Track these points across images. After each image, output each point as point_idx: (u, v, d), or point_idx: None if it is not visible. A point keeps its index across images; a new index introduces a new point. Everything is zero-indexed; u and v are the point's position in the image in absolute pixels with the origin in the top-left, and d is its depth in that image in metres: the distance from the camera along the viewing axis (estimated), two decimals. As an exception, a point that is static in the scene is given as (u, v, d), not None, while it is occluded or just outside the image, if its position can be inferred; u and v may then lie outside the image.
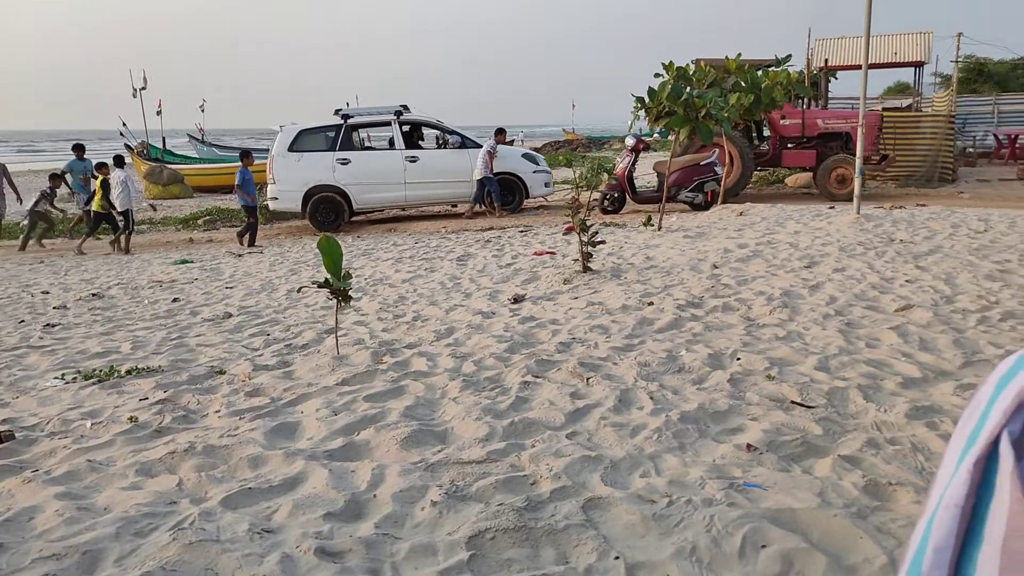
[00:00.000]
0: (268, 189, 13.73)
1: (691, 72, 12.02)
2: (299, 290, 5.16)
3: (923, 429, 3.15)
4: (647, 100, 10.54)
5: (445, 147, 14.27)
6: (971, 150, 21.53)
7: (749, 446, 2.99)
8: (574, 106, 54.61)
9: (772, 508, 2.45)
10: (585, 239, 6.93)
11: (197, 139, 29.95)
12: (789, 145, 14.45)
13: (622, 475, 2.81)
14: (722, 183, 13.01)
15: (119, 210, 12.06)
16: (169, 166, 22.02)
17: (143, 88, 23.37)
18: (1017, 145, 20.96)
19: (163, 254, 11.39)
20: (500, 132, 14.64)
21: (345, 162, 13.56)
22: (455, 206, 14.64)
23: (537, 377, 4.02)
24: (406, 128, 14.12)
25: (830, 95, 26.24)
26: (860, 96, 10.09)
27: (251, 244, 11.87)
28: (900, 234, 8.53)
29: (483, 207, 13.81)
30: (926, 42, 25.30)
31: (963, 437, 0.99)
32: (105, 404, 3.97)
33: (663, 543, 2.32)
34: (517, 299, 6.16)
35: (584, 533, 2.36)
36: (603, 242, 7.63)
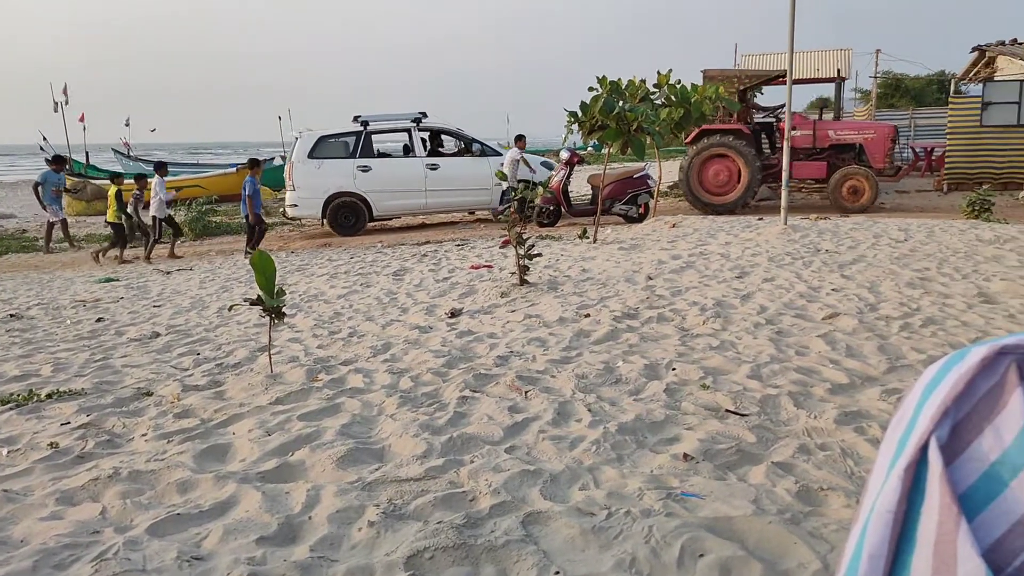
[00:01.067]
0: (287, 196, 13.83)
1: (624, 86, 12.20)
2: (230, 308, 5.03)
3: (852, 434, 3.23)
4: (580, 114, 10.66)
5: (465, 154, 14.33)
6: (899, 163, 22.40)
7: (686, 455, 3.02)
8: (509, 119, 54.90)
9: (709, 517, 2.48)
10: (522, 252, 6.95)
11: (122, 154, 29.13)
12: (800, 156, 14.05)
13: (561, 488, 2.80)
14: (732, 195, 13.15)
15: (158, 217, 11.93)
16: (93, 181, 21.35)
17: (65, 102, 22.60)
18: (933, 158, 21.87)
19: (87, 272, 11.00)
20: (520, 139, 14.62)
21: (366, 169, 13.64)
22: (472, 213, 14.72)
23: (475, 392, 4.00)
24: (424, 135, 14.24)
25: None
26: (785, 110, 10.40)
27: (255, 247, 11.50)
28: (826, 244, 8.80)
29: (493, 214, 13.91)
30: (846, 58, 26.25)
31: (892, 444, 1.00)
32: (23, 430, 3.79)
33: (603, 556, 2.32)
34: (454, 313, 6.13)
35: (524, 549, 2.34)
36: (539, 255, 7.67)
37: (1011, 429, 0.94)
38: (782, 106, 16.34)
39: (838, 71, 18.95)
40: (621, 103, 10.76)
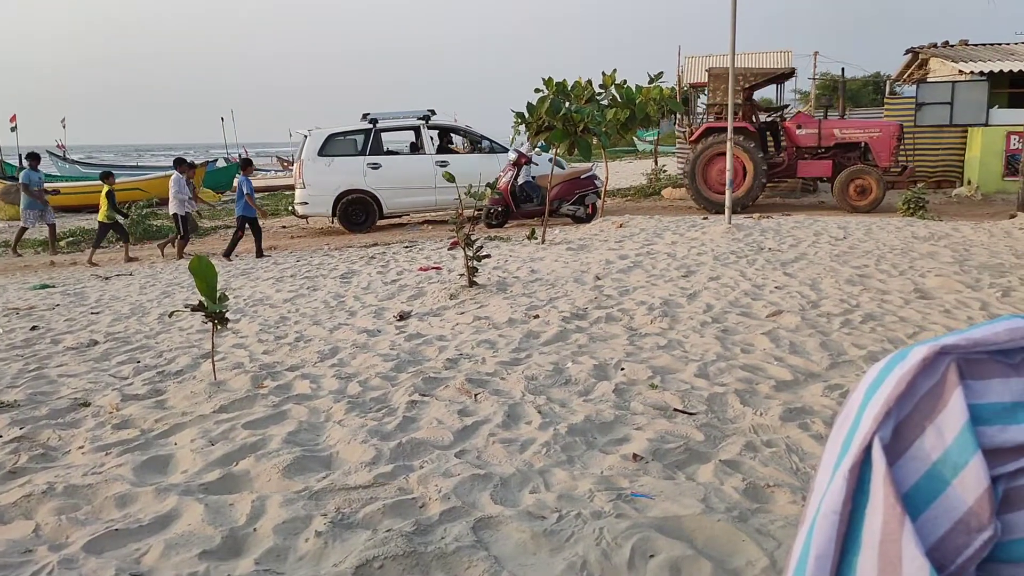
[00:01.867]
0: (297, 193, 13.84)
1: (570, 87, 12.27)
2: (171, 314, 4.89)
3: (796, 430, 3.28)
4: (527, 115, 10.68)
5: (475, 152, 14.33)
6: None
7: (635, 456, 3.04)
8: (456, 119, 54.77)
9: (659, 517, 2.49)
10: (470, 254, 6.92)
11: (58, 156, 28.25)
12: (805, 155, 14.04)
13: (512, 492, 2.79)
14: (731, 192, 13.18)
15: (179, 214, 11.82)
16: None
17: None
18: (870, 157, 22.40)
19: (20, 279, 10.62)
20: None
21: (376, 167, 13.70)
22: (481, 210, 14.67)
23: (424, 395, 3.96)
24: (433, 133, 14.26)
25: (699, 111, 27.39)
26: (728, 111, 10.57)
27: (228, 255, 11.34)
28: (768, 243, 8.96)
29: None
30: (786, 60, 26.82)
31: (837, 444, 1.01)
32: (-49, 446, 3.63)
33: (554, 559, 2.31)
34: (403, 316, 6.07)
35: (475, 555, 2.32)
36: (488, 256, 7.65)
37: (952, 428, 0.96)
38: (787, 106, 16.46)
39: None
40: (567, 104, 10.82)
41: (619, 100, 13.04)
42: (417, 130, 14.45)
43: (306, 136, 13.99)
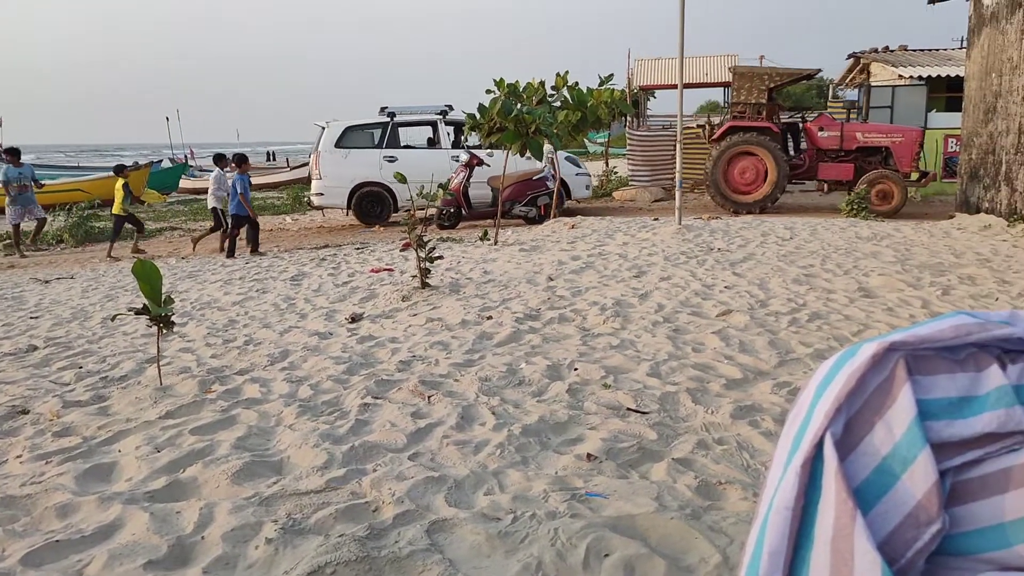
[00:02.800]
0: (313, 184, 13.89)
1: (521, 89, 12.29)
2: (114, 318, 4.76)
3: (747, 428, 3.33)
4: (478, 116, 10.67)
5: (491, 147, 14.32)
6: None
7: (589, 455, 3.05)
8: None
9: (613, 516, 2.50)
10: (423, 255, 6.88)
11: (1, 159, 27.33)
12: (826, 158, 13.85)
13: (466, 494, 2.77)
14: (759, 193, 12.92)
15: (217, 208, 12.01)
16: None
17: None
18: (814, 159, 22.88)
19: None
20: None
21: (392, 160, 13.70)
22: (495, 205, 14.54)
23: (377, 398, 3.92)
24: (450, 128, 14.27)
25: (649, 113, 27.70)
26: (677, 114, 10.70)
27: (230, 255, 11.13)
28: (718, 243, 9.10)
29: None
30: (732, 63, 27.25)
31: (789, 440, 1.02)
32: None
33: (509, 561, 2.30)
34: (355, 318, 6.01)
35: (429, 558, 2.30)
36: (441, 257, 7.61)
37: (901, 423, 0.97)
38: (808, 108, 16.45)
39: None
40: (519, 105, 10.84)
41: (571, 102, 13.10)
42: (434, 125, 14.49)
43: (324, 128, 14.03)
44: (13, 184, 12.76)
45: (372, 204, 13.96)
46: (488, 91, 11.69)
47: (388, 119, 14.10)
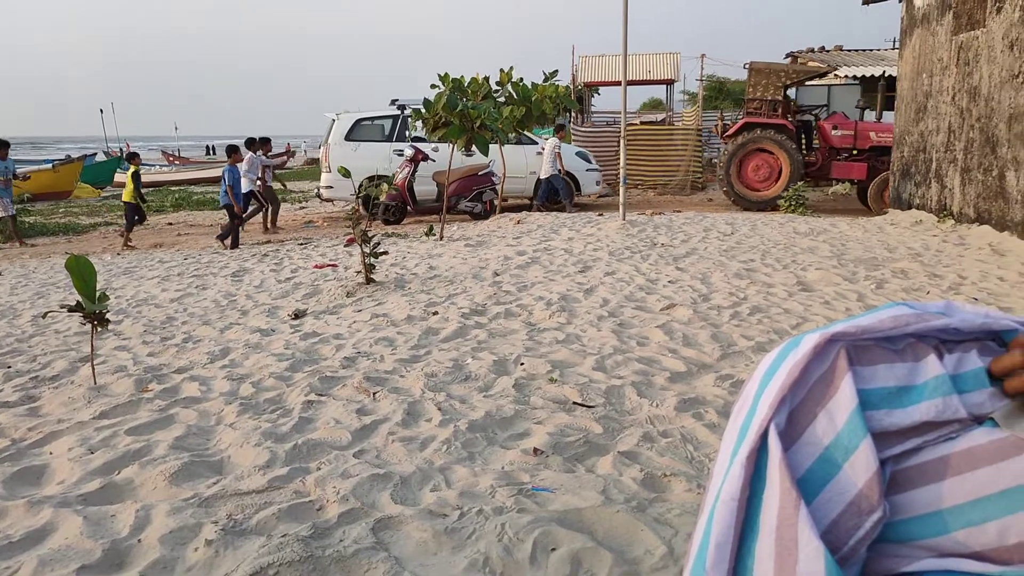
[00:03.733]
0: (323, 177, 13.84)
1: (466, 84, 12.25)
2: (44, 315, 4.59)
3: (690, 420, 3.37)
4: (423, 111, 10.60)
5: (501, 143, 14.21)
6: (716, 161, 23.76)
7: (536, 450, 3.05)
8: (337, 117, 53.87)
9: (560, 510, 2.50)
10: (367, 250, 6.80)
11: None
12: (839, 156, 13.76)
13: (412, 491, 2.75)
14: (772, 191, 12.79)
15: (255, 192, 12.52)
16: None
17: None
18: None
19: None
20: (561, 128, 14.30)
21: (401, 153, 13.59)
22: (505, 200, 14.29)
23: (321, 395, 3.86)
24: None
25: (593, 109, 27.87)
26: (621, 111, 10.79)
27: (234, 246, 11.07)
28: (661, 238, 9.21)
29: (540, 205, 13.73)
30: (675, 62, 27.61)
31: (735, 431, 1.02)
32: None
33: (456, 558, 2.28)
34: (298, 314, 5.91)
35: (375, 556, 2.27)
36: (385, 253, 7.54)
37: (843, 412, 0.98)
38: (823, 106, 16.40)
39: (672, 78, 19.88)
40: (464, 100, 10.79)
41: (515, 97, 13.10)
42: None
43: (334, 120, 13.98)
44: (1, 178, 12.77)
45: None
46: (433, 86, 11.63)
47: (399, 112, 14.02)
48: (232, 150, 12.07)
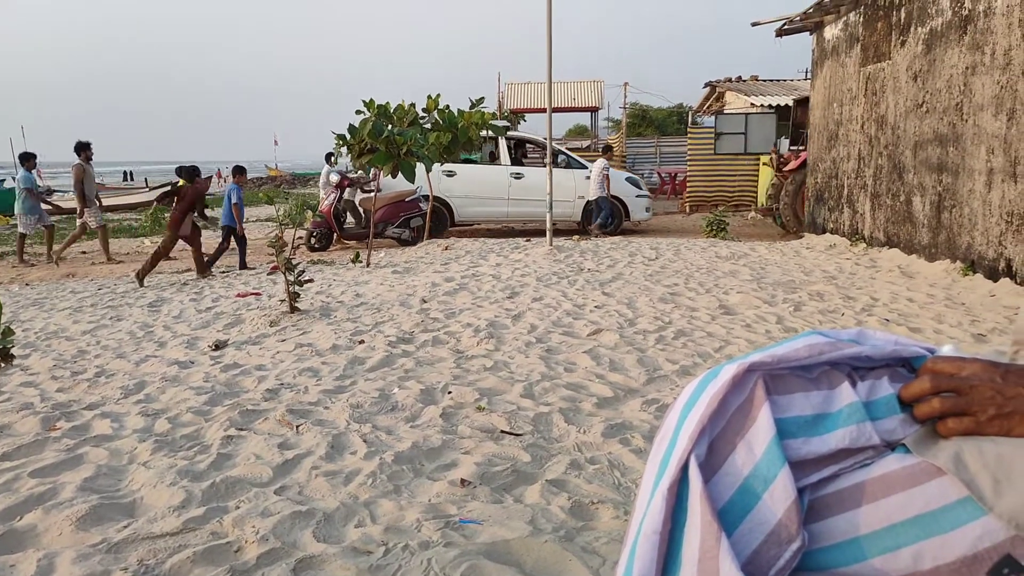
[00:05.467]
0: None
1: (392, 110, 12.21)
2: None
3: (617, 446, 3.38)
4: (349, 137, 10.51)
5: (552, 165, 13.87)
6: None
7: (463, 481, 3.00)
8: (276, 142, 53.16)
9: (487, 542, 2.46)
10: (291, 278, 6.66)
11: None
12: None
13: (336, 528, 2.66)
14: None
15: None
16: None
17: None
18: (677, 182, 24.01)
19: None
20: (608, 150, 14.14)
21: (451, 174, 13.64)
22: (554, 224, 13.97)
23: (241, 430, 3.73)
24: (510, 144, 14.09)
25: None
26: (547, 137, 10.91)
27: (207, 268, 10.35)
28: (588, 263, 9.30)
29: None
30: (599, 89, 28.15)
31: (656, 463, 1.02)
32: None
33: (381, 596, 2.22)
34: (218, 345, 5.73)
35: (296, 598, 2.18)
36: (311, 281, 7.40)
37: (761, 442, 0.98)
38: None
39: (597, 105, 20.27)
40: (390, 127, 10.75)
41: (441, 124, 13.12)
42: (497, 141, 14.38)
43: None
44: (35, 191, 12.81)
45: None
46: (359, 112, 11.55)
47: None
48: (239, 171, 11.79)
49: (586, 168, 14.43)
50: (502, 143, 14.49)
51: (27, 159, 12.93)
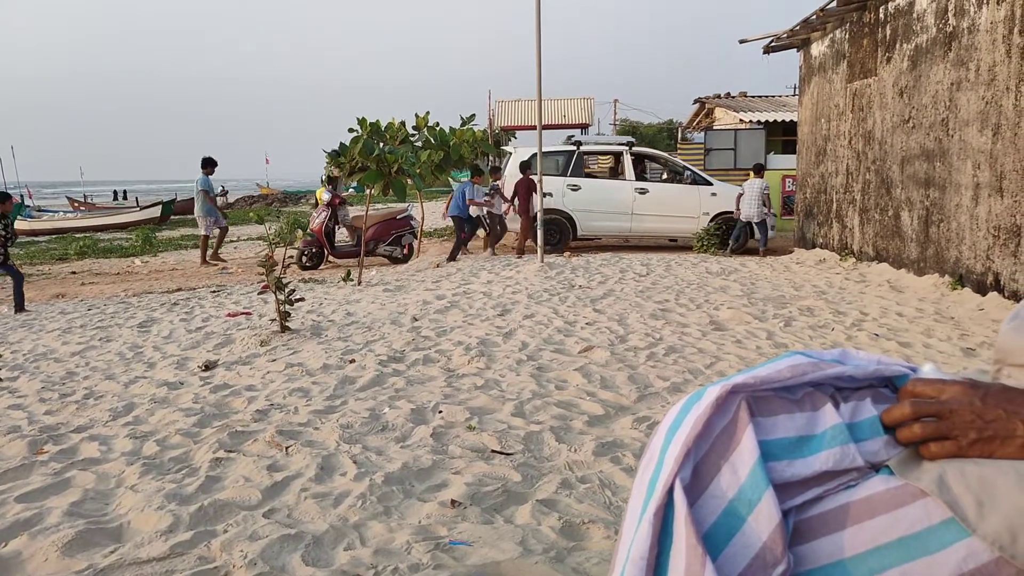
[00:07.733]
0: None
1: (383, 128, 12.25)
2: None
3: (608, 464, 3.37)
4: (340, 155, 10.53)
5: (677, 182, 14.00)
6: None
7: (453, 502, 2.98)
8: (268, 160, 53.22)
9: (477, 564, 2.44)
10: (282, 297, 6.65)
11: None
12: None
13: (325, 551, 2.64)
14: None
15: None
16: None
17: None
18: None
19: None
20: (761, 169, 13.53)
21: (575, 188, 13.72)
22: (675, 240, 14.33)
23: (230, 452, 3.70)
24: (634, 160, 14.17)
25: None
26: (537, 154, 10.95)
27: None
28: (579, 280, 9.31)
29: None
30: (589, 106, 28.30)
31: (643, 488, 1.01)
32: None
33: (370, 620, 2.20)
34: (208, 366, 5.70)
35: (284, 623, 2.16)
36: (302, 299, 7.39)
37: (745, 465, 0.98)
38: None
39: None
40: (381, 145, 10.78)
41: (432, 142, 13.17)
42: (618, 156, 14.48)
43: (511, 153, 14.36)
44: (212, 193, 13.76)
45: (550, 232, 13.40)
46: (351, 130, 11.58)
47: (574, 148, 14.13)
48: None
49: (711, 184, 14.07)
50: (626, 157, 14.32)
51: (206, 164, 13.75)
